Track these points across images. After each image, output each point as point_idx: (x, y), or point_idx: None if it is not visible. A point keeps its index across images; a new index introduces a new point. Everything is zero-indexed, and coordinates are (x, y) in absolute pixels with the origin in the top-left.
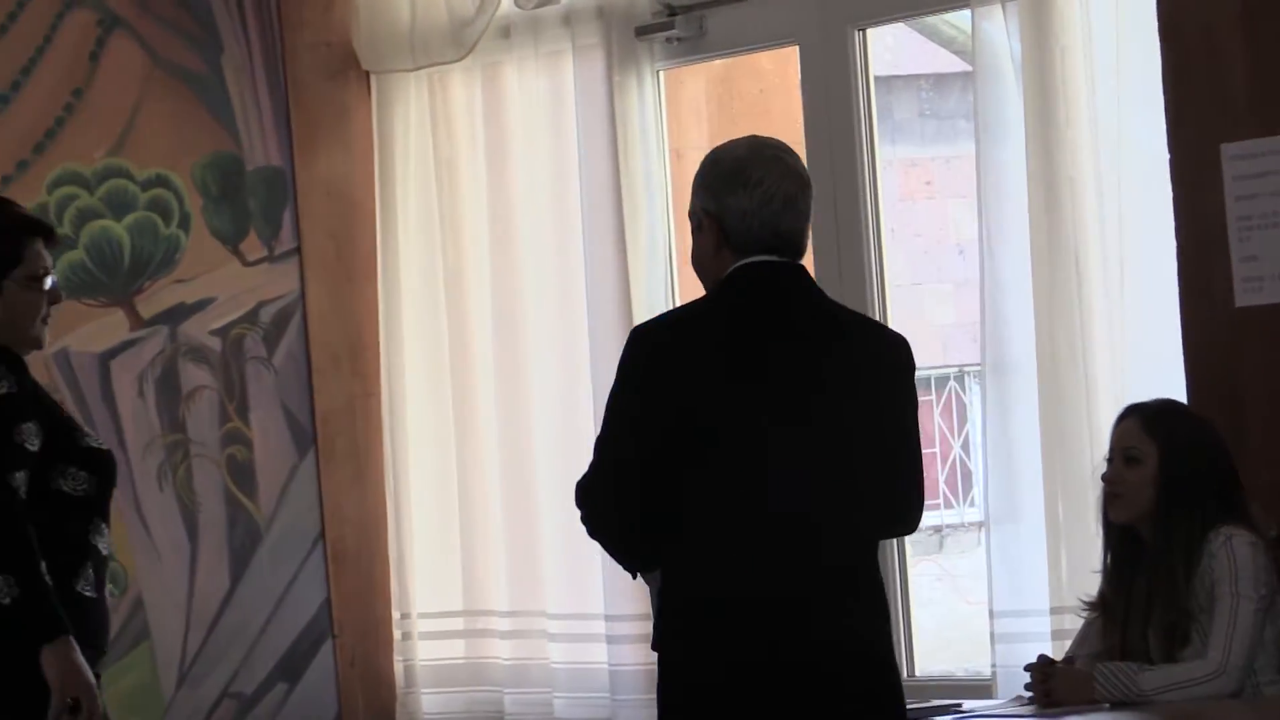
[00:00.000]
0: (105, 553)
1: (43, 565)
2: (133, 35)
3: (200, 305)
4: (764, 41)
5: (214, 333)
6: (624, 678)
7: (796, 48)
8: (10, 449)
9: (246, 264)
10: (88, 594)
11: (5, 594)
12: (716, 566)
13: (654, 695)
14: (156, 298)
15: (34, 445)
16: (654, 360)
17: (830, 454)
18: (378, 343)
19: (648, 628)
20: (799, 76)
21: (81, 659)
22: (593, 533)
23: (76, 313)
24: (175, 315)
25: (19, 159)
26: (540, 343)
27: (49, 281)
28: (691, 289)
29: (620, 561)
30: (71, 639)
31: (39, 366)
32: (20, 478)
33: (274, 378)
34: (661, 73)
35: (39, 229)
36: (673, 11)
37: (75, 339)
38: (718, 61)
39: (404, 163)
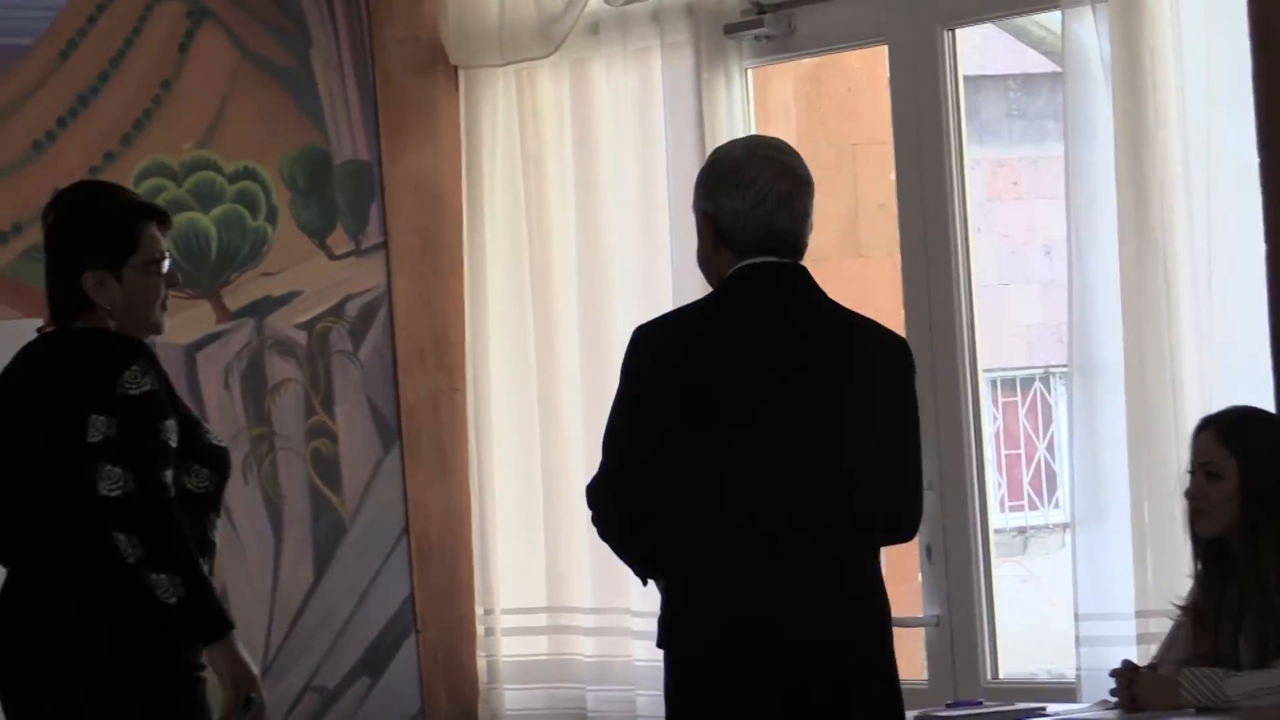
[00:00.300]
0: (216, 545)
1: (202, 563)
2: (222, 28)
3: (286, 298)
4: (853, 40)
5: (300, 326)
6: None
7: (886, 47)
8: (160, 447)
9: (333, 258)
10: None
11: (171, 593)
12: (715, 572)
13: None
14: (243, 290)
15: (174, 442)
16: (655, 360)
17: (827, 457)
18: (463, 338)
19: None
20: (888, 76)
21: (247, 654)
22: (602, 535)
23: None
24: (261, 308)
25: (107, 150)
26: (625, 339)
27: (166, 265)
28: None
29: (629, 565)
30: (235, 635)
31: None
32: (169, 476)
33: (359, 372)
34: (750, 71)
35: (153, 213)
36: (762, 10)
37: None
38: (806, 60)
39: (491, 158)
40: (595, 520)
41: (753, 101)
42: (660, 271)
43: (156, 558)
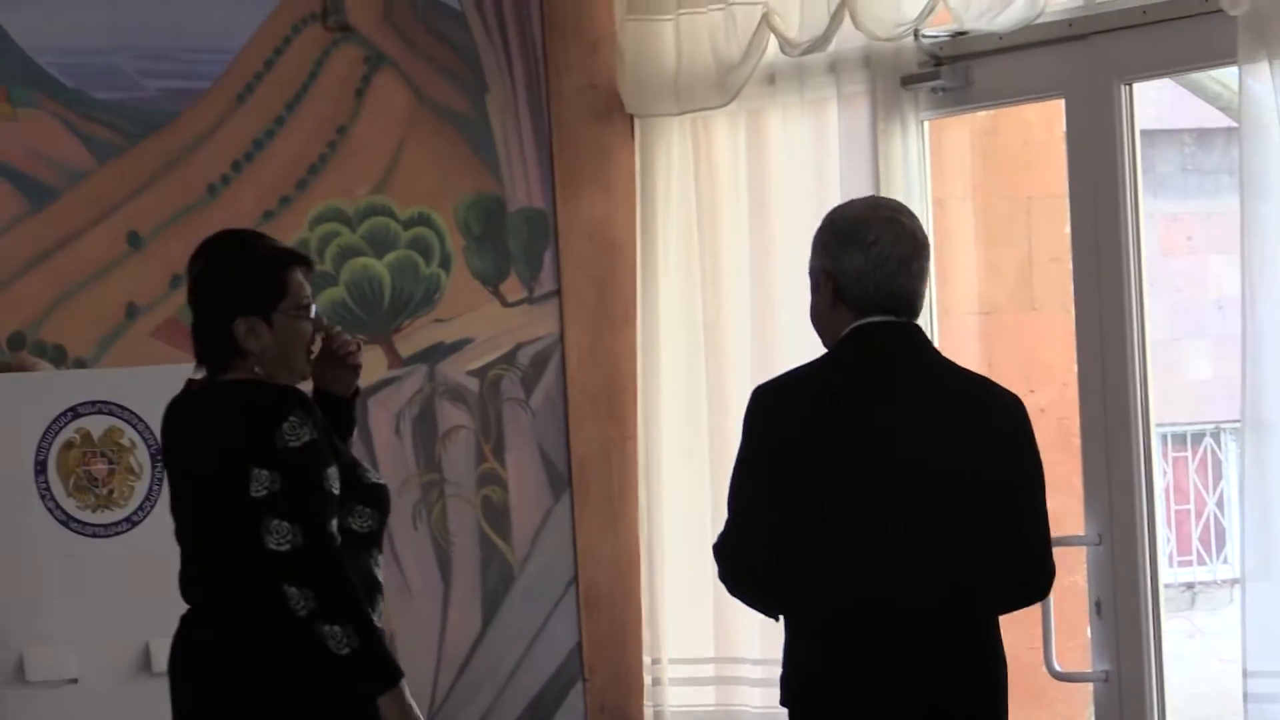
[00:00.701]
0: (381, 583)
1: (373, 602)
2: (399, 73)
3: (459, 345)
4: (1030, 93)
5: (472, 373)
6: None
7: (1063, 100)
8: (325, 497)
9: (506, 305)
10: (379, 626)
11: (344, 644)
12: (838, 631)
13: None
14: (415, 336)
15: (337, 489)
16: (774, 420)
17: (951, 520)
18: (635, 386)
19: None
20: (1064, 129)
21: (413, 702)
22: (731, 590)
23: None
24: (434, 354)
25: (282, 194)
26: None
27: (313, 310)
28: (952, 338)
29: (763, 612)
30: (404, 683)
31: None
32: (334, 525)
33: (531, 419)
34: (926, 122)
35: (298, 259)
36: (939, 62)
37: None
38: (982, 112)
39: (665, 206)
40: (723, 577)
41: (928, 153)
42: None
43: (328, 610)
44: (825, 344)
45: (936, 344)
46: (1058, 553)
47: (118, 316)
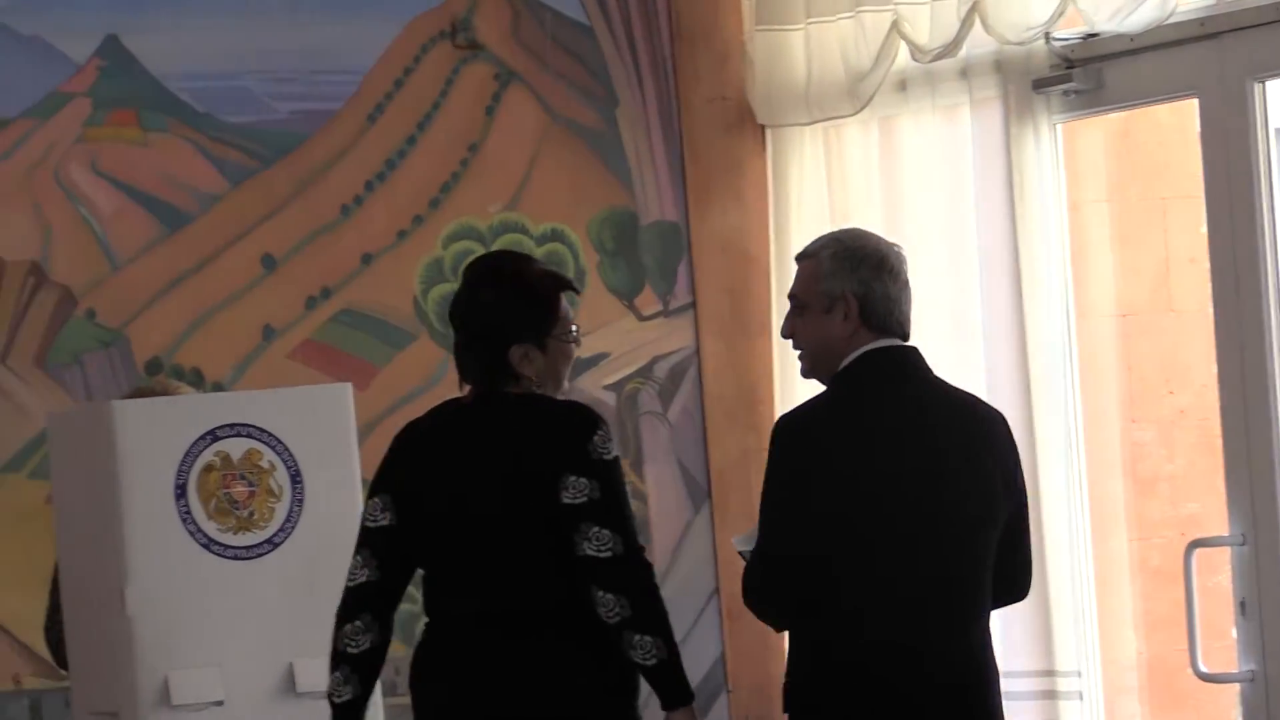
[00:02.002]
0: None
1: None
2: (529, 90)
3: (595, 360)
4: (1162, 94)
5: (609, 387)
6: None
7: (1196, 100)
8: (631, 509)
9: (642, 318)
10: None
11: (653, 655)
12: (856, 646)
13: None
14: None
15: None
16: (804, 448)
17: (964, 532)
18: (772, 397)
19: (1045, 684)
20: (1198, 129)
21: None
22: (758, 614)
23: None
24: (571, 369)
25: (415, 213)
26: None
27: (576, 332)
28: (1090, 342)
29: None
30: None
31: None
32: None
33: (669, 432)
34: (1059, 126)
35: (566, 284)
36: (1071, 65)
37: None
38: (1115, 114)
39: (798, 216)
40: (749, 600)
41: (1062, 156)
42: (970, 327)
43: (641, 620)
44: (821, 364)
45: (1075, 346)
46: (1203, 553)
47: (254, 338)
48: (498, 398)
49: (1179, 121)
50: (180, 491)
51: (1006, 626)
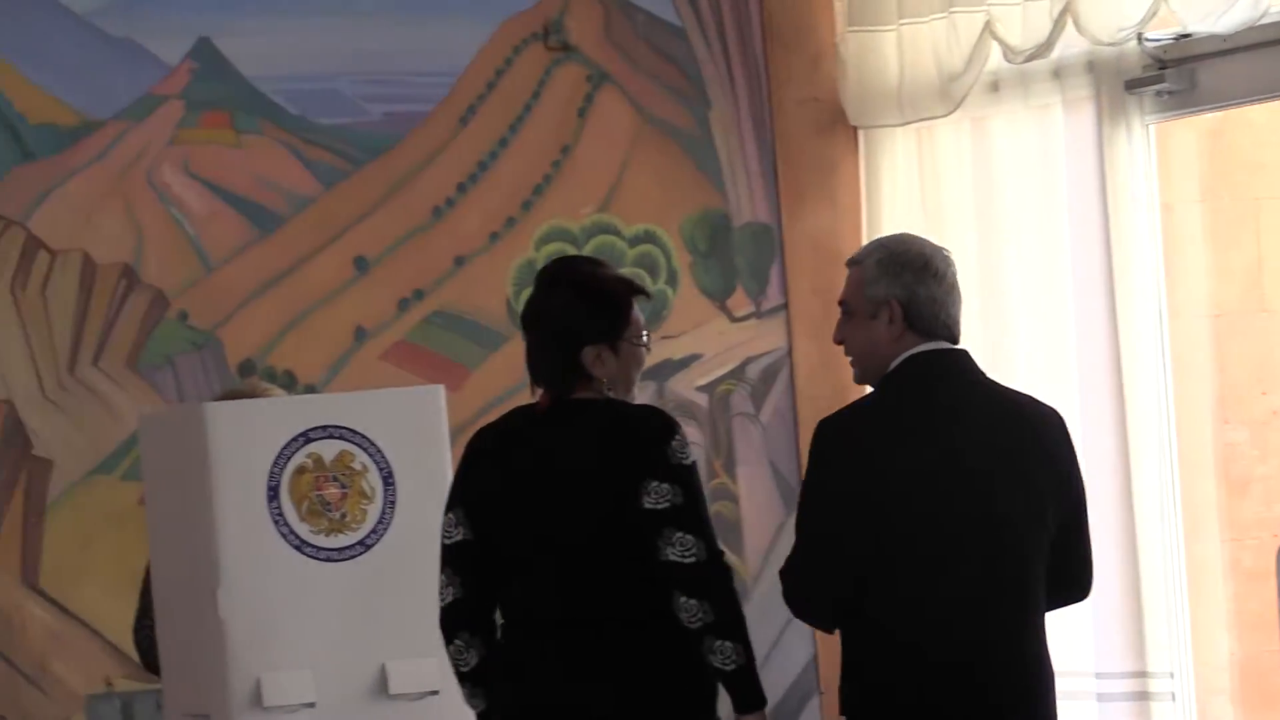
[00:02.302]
0: None
1: None
2: (621, 91)
3: (687, 361)
4: (1256, 94)
5: (701, 389)
6: None
7: None
8: (709, 515)
9: (734, 320)
10: None
11: (732, 660)
12: (908, 646)
13: None
14: None
15: None
16: (849, 451)
17: (1010, 534)
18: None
19: (1138, 685)
20: None
21: None
22: (797, 614)
23: None
24: (662, 371)
25: (508, 215)
26: (1029, 391)
27: (646, 336)
28: (1182, 342)
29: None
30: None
31: None
32: None
33: (761, 433)
34: (1151, 126)
35: (638, 290)
36: (1164, 65)
37: None
38: (1209, 114)
39: (891, 217)
40: (790, 597)
41: (1154, 157)
42: (1062, 327)
43: (723, 625)
44: (870, 369)
45: (1167, 347)
46: None
47: (346, 340)
48: (572, 404)
49: (1272, 122)
50: (273, 493)
51: (1099, 627)
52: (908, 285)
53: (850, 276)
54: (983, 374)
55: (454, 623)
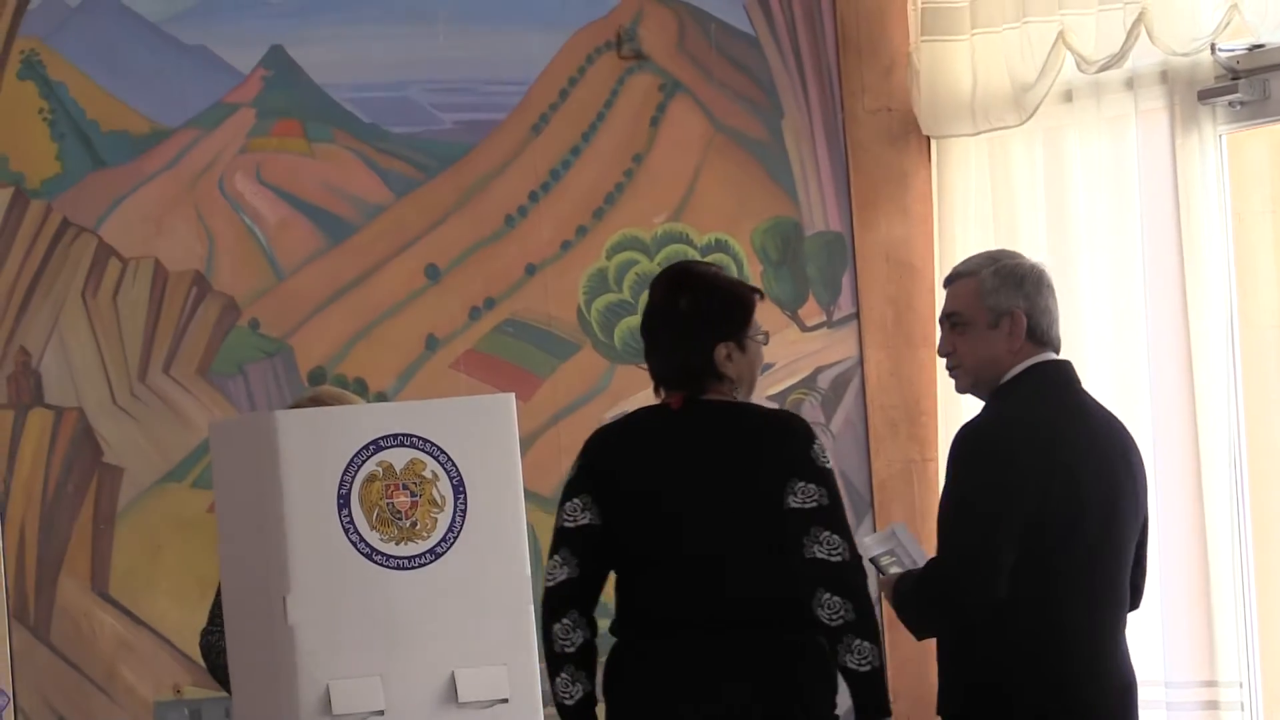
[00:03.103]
0: None
1: None
2: (694, 100)
3: None
4: None
5: (772, 397)
6: None
7: None
8: None
9: (805, 329)
10: None
11: (868, 662)
12: (1036, 647)
13: None
14: None
15: None
16: (998, 463)
17: (1125, 542)
18: (936, 408)
19: (1208, 695)
20: None
21: None
22: (941, 614)
23: (635, 377)
24: None
25: (579, 224)
26: (1102, 403)
27: (765, 334)
28: (1253, 354)
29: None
30: None
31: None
32: None
33: (832, 442)
34: (1224, 136)
35: (755, 289)
36: (1236, 75)
37: (633, 403)
38: None
39: (963, 227)
40: (941, 598)
41: (1226, 167)
42: (1134, 337)
43: (863, 626)
44: (983, 379)
45: (1238, 356)
46: None
47: (417, 348)
48: (708, 405)
49: None
50: (343, 501)
51: (1169, 637)
52: (1029, 296)
53: (961, 288)
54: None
55: (563, 601)
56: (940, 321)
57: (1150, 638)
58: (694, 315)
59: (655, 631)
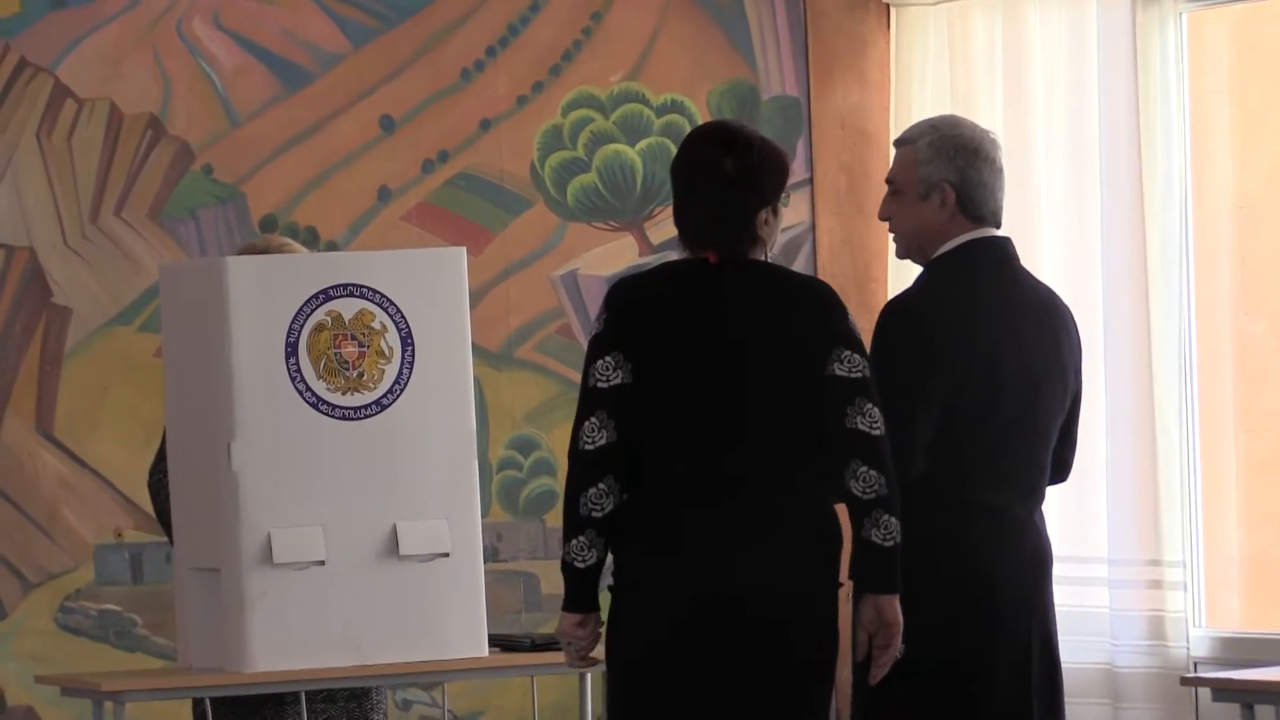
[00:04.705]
0: None
1: None
2: None
3: None
4: None
5: None
6: (1126, 623)
7: None
8: None
9: None
10: None
11: (893, 537)
12: (955, 519)
13: (1157, 642)
14: (667, 224)
15: None
16: (921, 338)
17: (1050, 418)
18: (886, 275)
19: (1152, 574)
20: None
21: None
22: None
23: (586, 235)
24: None
25: (535, 80)
26: (1053, 280)
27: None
28: (1206, 234)
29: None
30: None
31: (546, 287)
32: None
33: None
34: (1185, 14)
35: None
36: None
37: (584, 262)
38: (1241, 5)
39: (920, 97)
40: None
41: (1186, 46)
42: (1090, 214)
43: (892, 501)
44: (916, 249)
45: (1191, 237)
46: None
47: (370, 199)
48: (751, 263)
49: None
50: (291, 349)
51: (1114, 516)
52: (960, 169)
53: (900, 156)
54: (1020, 263)
55: (602, 466)
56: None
57: (1096, 516)
58: (742, 178)
59: (688, 490)
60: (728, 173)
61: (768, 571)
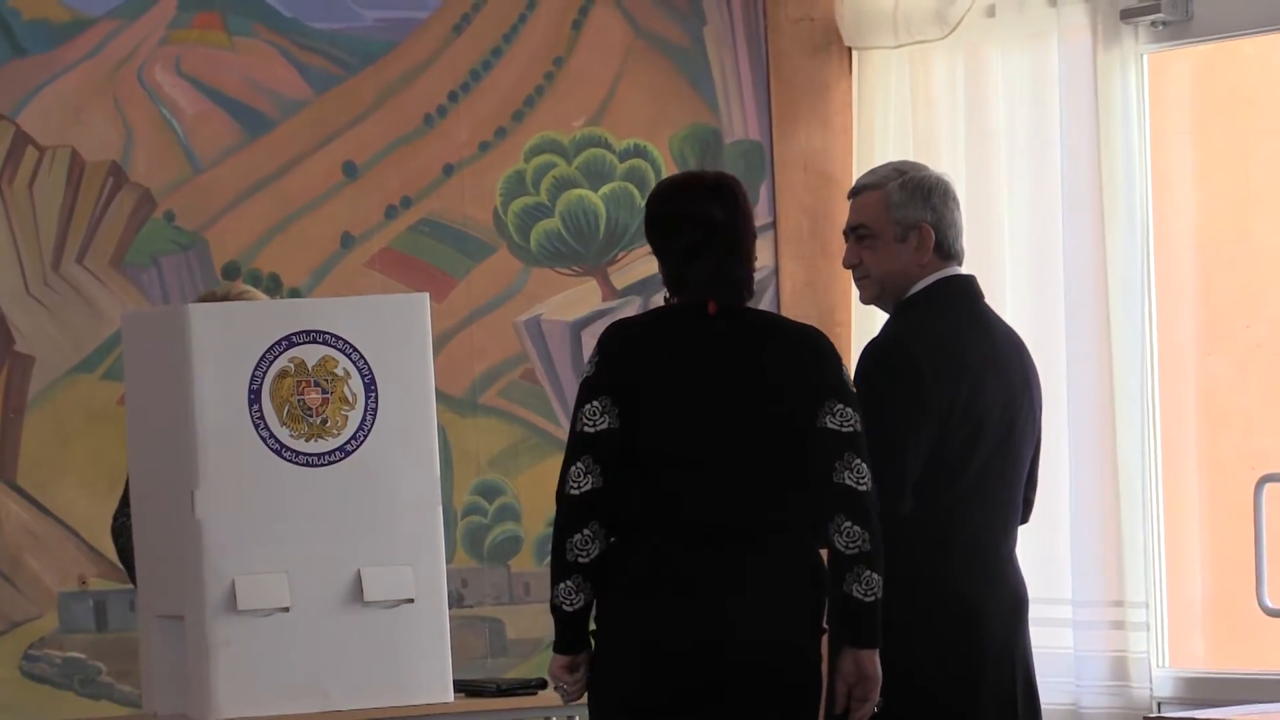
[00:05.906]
0: None
1: None
2: (616, 5)
3: None
4: (1250, 27)
5: None
6: (1090, 664)
7: None
8: None
9: None
10: None
11: (873, 593)
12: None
13: (1120, 682)
14: (630, 269)
15: None
16: (909, 379)
17: (1023, 458)
18: (850, 320)
19: (1115, 615)
20: None
21: None
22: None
23: (550, 281)
24: (649, 286)
25: (498, 126)
26: (1016, 319)
27: None
28: (1168, 274)
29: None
30: None
31: (509, 332)
32: None
33: None
34: (1145, 56)
35: None
36: None
37: (548, 307)
38: (1202, 46)
39: (883, 140)
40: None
41: (1147, 87)
42: (1052, 255)
43: (876, 557)
44: (889, 292)
45: (1153, 277)
46: (1273, 489)
47: (333, 246)
48: (745, 311)
49: (1262, 55)
50: (254, 397)
51: (1078, 556)
52: (935, 209)
53: (867, 201)
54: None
55: (587, 512)
56: (845, 234)
57: (1059, 557)
58: (733, 226)
59: (684, 536)
60: (719, 223)
61: (754, 618)
